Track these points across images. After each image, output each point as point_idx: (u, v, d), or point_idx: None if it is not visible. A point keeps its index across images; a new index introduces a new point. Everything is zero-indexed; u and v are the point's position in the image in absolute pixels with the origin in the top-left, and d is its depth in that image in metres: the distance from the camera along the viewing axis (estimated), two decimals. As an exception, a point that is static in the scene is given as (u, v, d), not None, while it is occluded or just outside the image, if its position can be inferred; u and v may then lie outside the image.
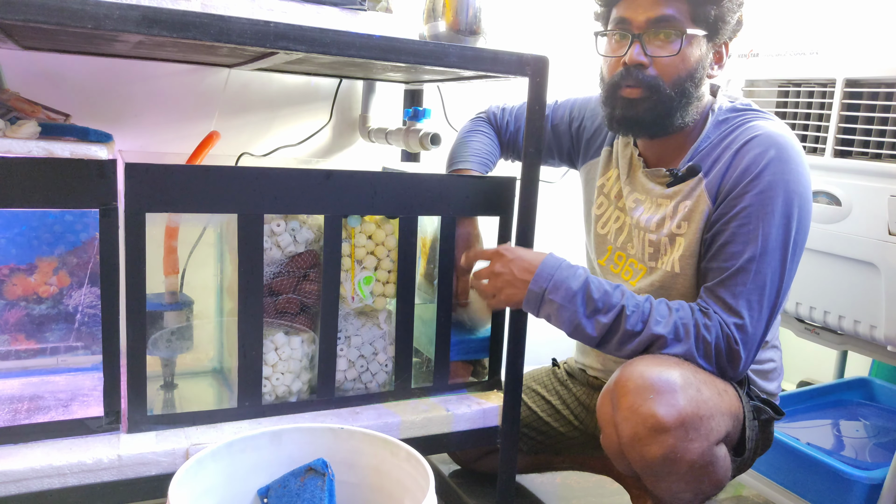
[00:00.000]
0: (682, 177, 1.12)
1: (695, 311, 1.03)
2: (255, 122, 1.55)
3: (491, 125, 1.33)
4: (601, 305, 1.01)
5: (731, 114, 1.12)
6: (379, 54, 0.94)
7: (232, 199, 0.95)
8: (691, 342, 1.01)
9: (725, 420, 1.00)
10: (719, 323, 1.01)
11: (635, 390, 0.95)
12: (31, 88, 1.31)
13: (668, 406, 0.93)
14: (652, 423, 0.93)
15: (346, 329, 1.10)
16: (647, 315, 1.01)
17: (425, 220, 1.15)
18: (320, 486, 0.85)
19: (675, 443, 0.93)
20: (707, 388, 0.98)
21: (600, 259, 1.26)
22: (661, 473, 0.96)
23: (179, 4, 0.87)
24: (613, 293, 1.02)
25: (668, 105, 1.07)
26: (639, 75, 1.06)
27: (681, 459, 0.94)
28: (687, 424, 0.94)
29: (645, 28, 1.05)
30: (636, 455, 0.96)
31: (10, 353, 0.97)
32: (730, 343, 1.01)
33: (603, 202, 1.26)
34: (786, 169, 1.03)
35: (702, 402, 0.96)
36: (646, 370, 0.96)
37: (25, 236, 0.94)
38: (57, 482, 0.87)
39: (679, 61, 1.05)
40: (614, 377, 1.00)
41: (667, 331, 1.00)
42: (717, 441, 0.98)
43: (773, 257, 1.02)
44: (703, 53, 1.07)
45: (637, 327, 1.01)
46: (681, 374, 0.96)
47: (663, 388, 0.94)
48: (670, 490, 0.99)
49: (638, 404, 0.95)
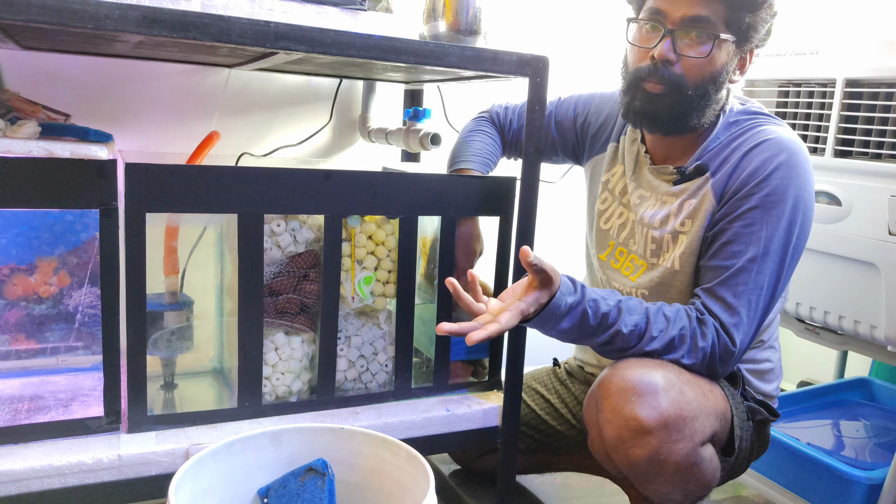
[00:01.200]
0: (689, 175, 1.11)
1: (692, 319, 1.02)
2: (255, 122, 1.55)
3: (493, 124, 1.33)
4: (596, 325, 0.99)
5: (742, 116, 1.12)
6: (379, 54, 0.94)
7: (232, 199, 0.95)
8: (684, 349, 1.01)
9: (711, 420, 1.00)
10: (715, 328, 1.01)
11: (618, 393, 0.96)
12: (31, 88, 1.31)
13: (650, 408, 0.93)
14: (634, 425, 0.93)
15: (346, 329, 1.10)
16: (643, 332, 1.00)
17: (425, 220, 1.15)
18: (320, 486, 0.85)
19: (658, 444, 0.93)
20: (690, 389, 0.98)
21: (601, 254, 1.26)
22: (646, 475, 0.97)
23: (179, 4, 0.87)
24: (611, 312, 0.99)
25: (688, 105, 1.07)
26: (664, 72, 1.05)
27: (665, 461, 0.94)
28: (670, 426, 0.94)
29: (679, 24, 1.04)
30: (621, 457, 0.96)
31: (11, 353, 0.97)
32: (725, 346, 1.01)
33: (607, 198, 1.25)
34: (794, 174, 1.03)
35: (685, 403, 0.96)
36: (627, 372, 0.96)
37: (25, 236, 0.94)
38: (57, 482, 0.87)
39: (706, 63, 1.05)
40: (598, 379, 1.01)
41: (661, 345, 1.00)
42: (701, 441, 0.98)
43: (774, 260, 1.03)
44: (729, 58, 1.07)
45: (633, 342, 1.00)
46: (663, 375, 0.96)
47: (645, 390, 0.94)
48: (658, 491, 1.00)
49: (620, 406, 0.95)
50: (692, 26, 1.03)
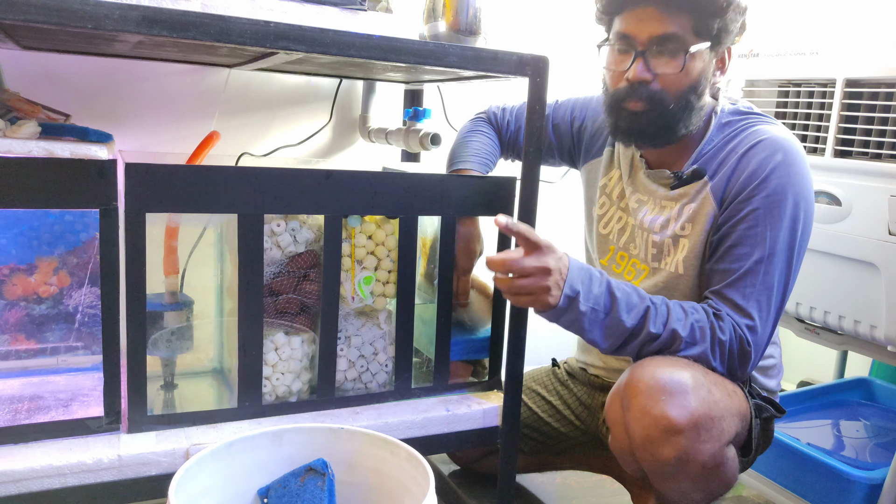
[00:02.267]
0: (686, 179, 1.12)
1: (709, 313, 1.02)
2: (255, 122, 1.55)
3: (491, 125, 1.33)
4: (625, 307, 0.99)
5: (734, 117, 1.13)
6: (379, 54, 0.94)
7: (232, 199, 0.95)
8: (707, 344, 1.01)
9: (735, 421, 1.00)
10: (732, 325, 1.02)
11: (647, 391, 0.95)
12: (31, 88, 1.31)
13: (681, 407, 0.93)
14: (665, 424, 0.93)
15: (346, 329, 1.10)
16: (666, 317, 1.01)
17: (425, 220, 1.15)
18: (320, 487, 0.85)
19: (687, 444, 0.93)
20: (717, 390, 0.98)
21: (602, 259, 1.26)
22: (672, 474, 0.96)
23: (179, 4, 0.87)
24: (633, 294, 1.01)
25: (671, 118, 1.07)
26: (642, 91, 1.06)
27: (693, 460, 0.94)
28: (699, 426, 0.94)
29: (647, 45, 1.04)
30: (648, 456, 0.96)
31: (11, 353, 0.97)
32: (742, 345, 1.02)
33: (605, 202, 1.26)
34: (792, 172, 1.04)
35: (713, 404, 0.96)
36: (657, 371, 0.96)
37: (25, 236, 0.94)
38: (57, 482, 0.87)
39: (683, 76, 1.05)
40: (624, 378, 1.00)
41: (686, 333, 1.00)
42: (727, 442, 0.98)
43: (780, 259, 1.03)
44: (707, 64, 1.07)
45: (659, 329, 1.00)
46: (692, 375, 0.96)
47: (675, 390, 0.94)
48: (680, 490, 0.99)
49: (650, 406, 0.94)
50: (662, 44, 1.03)
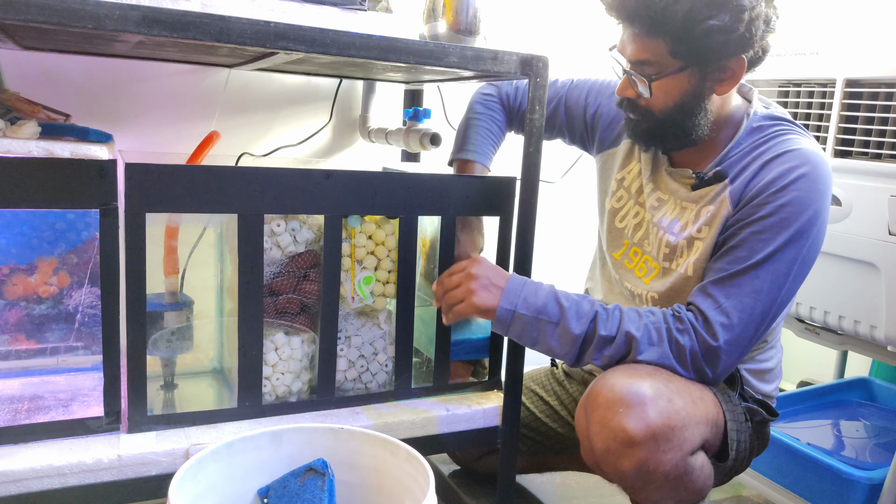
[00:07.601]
0: (708, 181, 1.10)
1: (667, 315, 1.02)
2: (255, 122, 1.55)
3: (502, 105, 1.31)
4: (573, 314, 1.02)
5: (766, 121, 1.10)
6: (379, 54, 0.94)
7: (232, 199, 0.95)
8: (665, 346, 1.01)
9: (701, 428, 0.99)
10: (692, 325, 1.01)
11: (605, 404, 0.95)
12: (31, 88, 1.31)
13: (638, 419, 0.93)
14: (622, 437, 0.93)
15: (346, 329, 1.10)
16: (619, 320, 1.02)
17: (425, 220, 1.15)
18: (320, 487, 0.85)
19: (646, 455, 0.93)
20: (680, 398, 0.97)
21: (615, 252, 1.25)
22: (636, 485, 0.97)
23: (179, 4, 0.87)
24: (582, 302, 1.03)
25: (665, 129, 1.09)
26: (632, 104, 1.10)
27: (654, 471, 0.94)
28: (658, 437, 0.93)
29: (630, 66, 1.07)
30: (610, 468, 0.96)
31: (10, 353, 0.97)
32: (706, 343, 1.00)
33: (623, 196, 1.24)
34: (814, 188, 1.02)
35: (673, 413, 0.95)
36: (616, 383, 0.96)
37: (25, 236, 0.94)
38: (57, 482, 0.87)
39: (664, 96, 1.06)
40: (588, 389, 1.01)
41: (640, 334, 1.00)
42: (691, 451, 0.97)
43: (778, 269, 1.01)
44: (696, 81, 1.05)
45: (611, 331, 1.01)
46: (651, 385, 0.95)
47: (633, 401, 0.94)
48: (650, 500, 0.99)
49: (608, 418, 0.94)
50: (639, 68, 1.06)
